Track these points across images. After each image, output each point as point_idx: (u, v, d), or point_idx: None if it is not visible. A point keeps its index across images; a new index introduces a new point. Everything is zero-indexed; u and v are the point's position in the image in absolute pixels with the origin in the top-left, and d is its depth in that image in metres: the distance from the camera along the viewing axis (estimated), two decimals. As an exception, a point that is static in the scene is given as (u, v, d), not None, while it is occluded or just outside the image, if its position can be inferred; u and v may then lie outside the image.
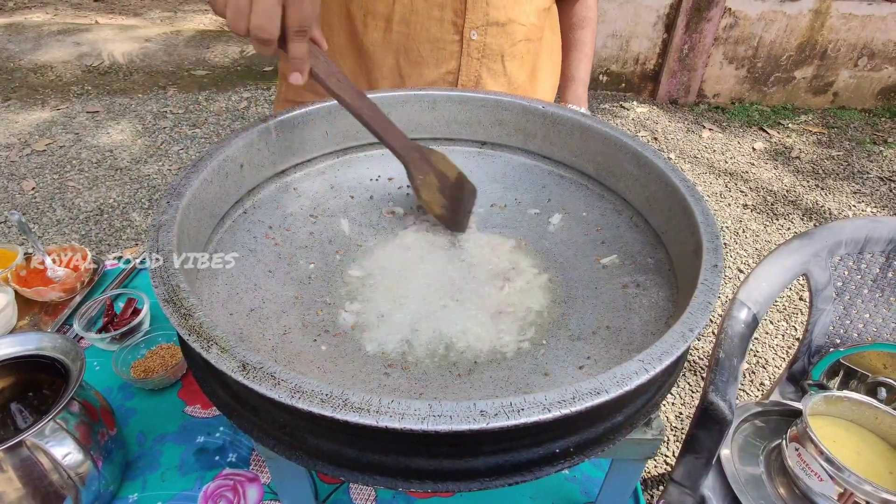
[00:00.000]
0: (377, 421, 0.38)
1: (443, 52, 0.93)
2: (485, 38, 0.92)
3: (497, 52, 0.94)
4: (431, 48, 0.92)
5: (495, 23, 0.91)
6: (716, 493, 1.00)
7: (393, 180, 0.83)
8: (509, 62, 0.97)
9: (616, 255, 0.70)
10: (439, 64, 0.94)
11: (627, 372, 0.41)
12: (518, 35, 0.95)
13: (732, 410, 0.93)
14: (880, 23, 3.65)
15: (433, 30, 0.91)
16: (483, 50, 0.93)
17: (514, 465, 0.44)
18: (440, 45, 0.92)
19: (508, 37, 0.94)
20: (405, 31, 0.90)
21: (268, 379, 0.40)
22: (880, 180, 3.24)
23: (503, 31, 0.93)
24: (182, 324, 0.45)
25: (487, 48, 0.93)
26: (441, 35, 0.91)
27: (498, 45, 0.94)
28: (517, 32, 0.94)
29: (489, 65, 0.95)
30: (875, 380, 1.14)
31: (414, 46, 0.92)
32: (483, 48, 0.93)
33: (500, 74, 0.97)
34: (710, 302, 0.48)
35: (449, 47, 0.92)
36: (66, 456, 0.62)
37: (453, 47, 0.92)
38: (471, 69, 0.95)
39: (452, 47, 0.92)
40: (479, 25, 0.91)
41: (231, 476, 0.77)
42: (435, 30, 0.91)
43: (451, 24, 0.90)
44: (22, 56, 4.07)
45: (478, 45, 0.92)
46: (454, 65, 0.94)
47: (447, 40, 0.92)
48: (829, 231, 1.18)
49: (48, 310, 1.03)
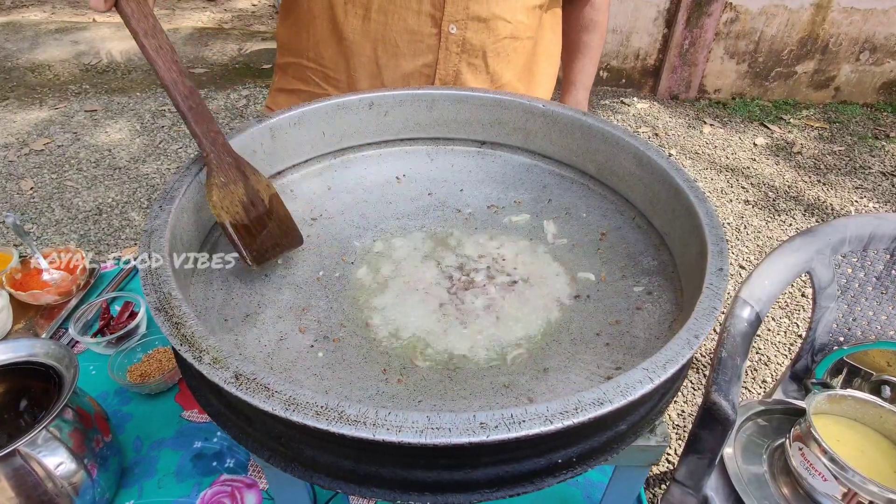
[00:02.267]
0: (374, 434, 0.36)
1: (420, 45, 0.91)
2: (465, 32, 0.90)
3: (478, 48, 0.93)
4: (409, 40, 0.91)
5: (476, 18, 0.89)
6: (719, 493, 0.99)
7: (392, 182, 0.82)
8: (492, 59, 0.95)
9: (618, 257, 0.69)
10: (416, 56, 0.92)
11: (631, 381, 0.40)
12: (502, 32, 0.93)
13: (735, 410, 0.92)
14: (882, 16, 3.63)
15: (410, 21, 0.89)
16: (462, 45, 0.91)
17: (516, 476, 0.43)
18: (417, 37, 0.90)
19: (491, 33, 0.92)
20: (383, 20, 0.89)
21: (261, 391, 0.39)
22: (882, 175, 3.22)
23: (485, 26, 0.91)
24: (174, 333, 0.44)
25: (467, 43, 0.91)
26: (418, 27, 0.90)
27: (479, 41, 0.92)
28: (501, 29, 0.92)
29: (469, 60, 0.93)
30: (879, 378, 1.13)
31: (391, 37, 0.90)
32: (462, 43, 0.91)
33: (482, 71, 0.95)
34: (715, 307, 0.47)
35: (426, 40, 0.91)
36: (59, 465, 0.61)
37: (431, 40, 0.91)
38: (449, 63, 0.93)
39: (430, 40, 0.91)
40: (458, 19, 0.89)
41: (229, 482, 0.76)
42: (412, 21, 0.89)
43: (428, 16, 0.88)
44: (19, 55, 4.05)
45: (457, 39, 0.90)
46: (431, 58, 0.92)
47: (424, 33, 0.90)
48: (832, 228, 1.16)
49: (44, 313, 1.02)
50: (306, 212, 0.76)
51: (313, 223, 0.75)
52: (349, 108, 0.79)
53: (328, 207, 0.77)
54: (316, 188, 0.79)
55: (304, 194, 0.78)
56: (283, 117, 0.73)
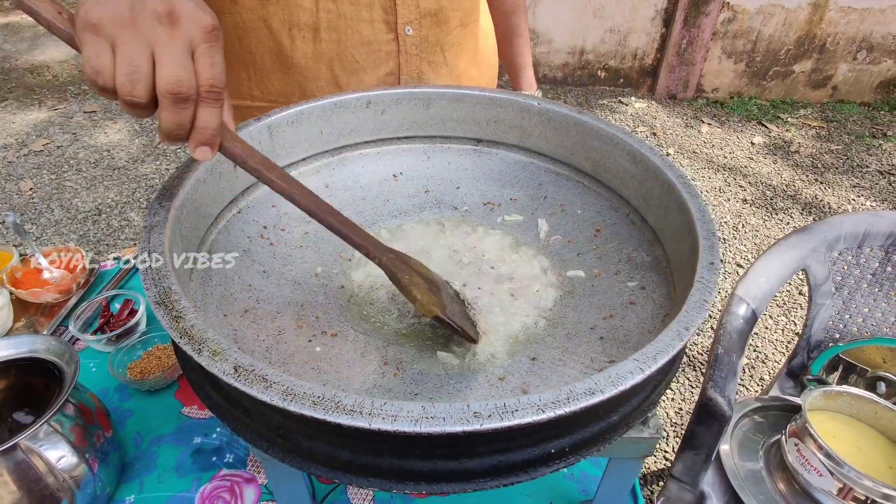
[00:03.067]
0: (370, 423, 0.37)
1: (378, 54, 0.88)
2: (420, 30, 0.88)
3: (435, 44, 0.91)
4: (366, 52, 0.88)
5: (427, 13, 0.88)
6: (715, 489, 1.00)
7: (389, 180, 0.83)
8: (449, 52, 0.93)
9: (612, 253, 0.69)
10: (377, 66, 0.90)
11: (622, 371, 0.41)
12: (453, 22, 0.91)
13: (731, 406, 0.92)
14: (879, 15, 3.64)
15: (365, 32, 0.86)
16: (420, 44, 0.89)
17: (510, 465, 0.44)
18: (375, 46, 0.88)
19: (443, 25, 0.90)
20: (336, 37, 0.85)
21: (259, 381, 0.40)
22: (879, 174, 3.23)
23: (436, 20, 0.89)
24: (173, 326, 0.44)
25: (424, 41, 0.89)
26: (374, 36, 0.87)
27: (435, 36, 0.90)
28: (451, 19, 0.91)
29: (429, 58, 0.92)
30: (874, 374, 1.14)
31: (348, 53, 0.87)
32: (420, 42, 0.89)
33: (442, 66, 0.94)
34: (706, 300, 0.48)
35: (385, 48, 0.88)
36: (60, 459, 0.62)
37: (389, 47, 0.88)
38: (411, 66, 0.91)
39: (388, 47, 0.88)
40: (412, 19, 0.87)
41: (228, 477, 0.77)
42: (367, 32, 0.86)
43: (382, 22, 0.86)
44: (18, 56, 4.06)
45: (414, 39, 0.88)
46: (392, 65, 0.90)
47: (381, 40, 0.87)
48: (827, 226, 1.17)
49: (45, 311, 1.03)
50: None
51: (311, 220, 0.75)
52: (347, 107, 0.79)
53: (326, 205, 0.78)
54: (313, 186, 0.79)
55: (303, 192, 0.78)
56: (281, 116, 0.74)
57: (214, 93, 0.45)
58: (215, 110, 0.46)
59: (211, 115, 0.46)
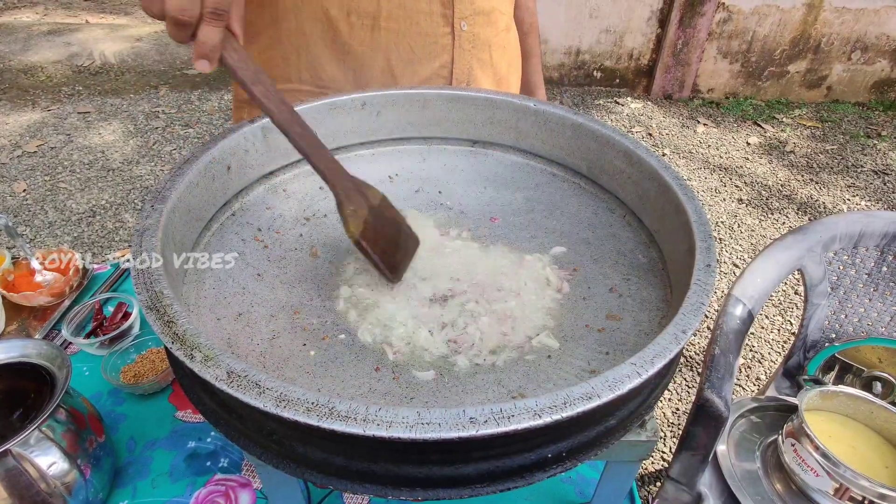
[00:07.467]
0: (364, 430, 0.37)
1: (435, 46, 0.91)
2: (473, 27, 0.90)
3: (485, 42, 0.93)
4: (423, 43, 0.90)
5: (481, 12, 0.90)
6: (712, 490, 1.00)
7: (384, 181, 0.82)
8: (496, 53, 0.96)
9: (609, 255, 0.69)
10: (432, 59, 0.92)
11: (619, 376, 0.41)
12: (501, 24, 0.94)
13: (728, 407, 0.92)
14: (873, 16, 3.65)
15: (423, 24, 0.88)
16: (473, 41, 0.92)
17: (506, 471, 0.44)
18: (432, 38, 0.90)
19: (493, 26, 0.93)
20: (395, 27, 0.88)
21: (252, 387, 0.39)
22: (874, 173, 3.24)
23: (488, 19, 0.92)
24: (165, 331, 0.44)
25: (477, 38, 0.92)
26: (432, 28, 0.89)
27: (485, 35, 0.93)
28: (500, 21, 0.93)
29: (479, 55, 0.94)
30: (870, 374, 1.14)
31: (405, 43, 0.89)
32: (473, 39, 0.92)
33: (488, 65, 0.96)
34: (703, 303, 0.47)
35: (441, 40, 0.90)
36: (51, 465, 0.61)
37: (445, 40, 0.91)
38: (463, 61, 0.93)
39: (444, 40, 0.90)
40: (467, 15, 0.89)
41: (223, 481, 0.76)
42: (425, 23, 0.88)
43: (440, 16, 0.88)
44: (11, 57, 4.03)
45: (468, 35, 0.91)
46: (447, 58, 0.92)
47: (439, 33, 0.90)
48: (823, 226, 1.17)
49: (37, 314, 1.02)
50: (299, 211, 0.76)
51: (306, 223, 0.75)
52: (342, 108, 0.79)
53: (321, 207, 0.77)
54: (308, 188, 0.79)
55: (297, 194, 0.78)
56: (276, 117, 0.73)
57: (216, 14, 0.54)
58: (216, 29, 0.55)
59: (211, 33, 0.55)
